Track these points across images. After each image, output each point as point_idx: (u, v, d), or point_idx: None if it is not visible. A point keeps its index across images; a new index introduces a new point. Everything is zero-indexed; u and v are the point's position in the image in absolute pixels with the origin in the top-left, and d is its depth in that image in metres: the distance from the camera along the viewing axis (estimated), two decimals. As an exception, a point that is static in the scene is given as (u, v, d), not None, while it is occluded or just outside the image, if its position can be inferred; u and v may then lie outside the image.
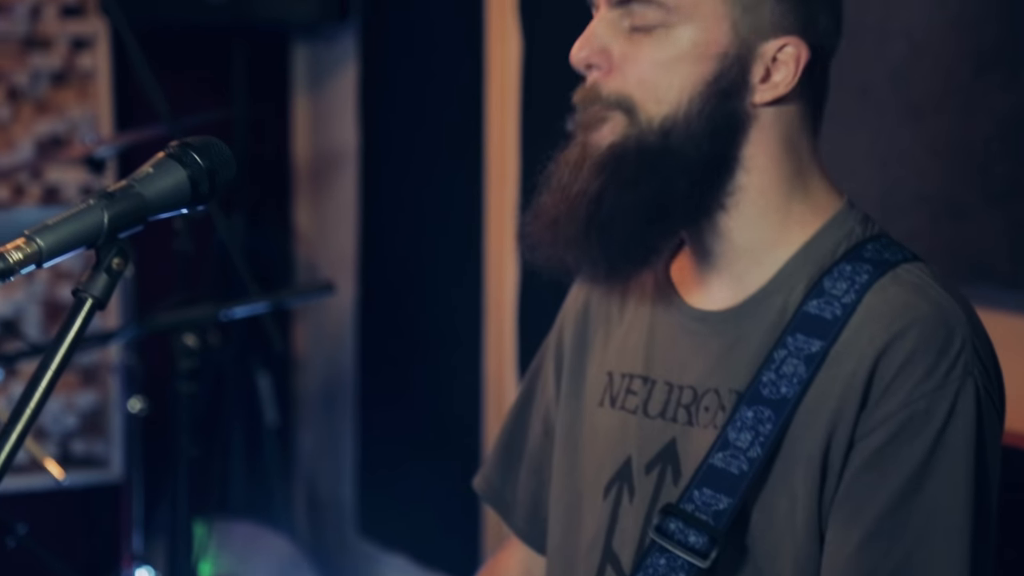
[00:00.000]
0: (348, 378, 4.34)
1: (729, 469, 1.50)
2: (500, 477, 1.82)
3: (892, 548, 1.43)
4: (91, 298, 1.32)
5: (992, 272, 2.22)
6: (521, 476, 1.79)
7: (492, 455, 1.84)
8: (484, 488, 1.84)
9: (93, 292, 1.32)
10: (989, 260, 2.22)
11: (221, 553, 3.97)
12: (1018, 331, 2.24)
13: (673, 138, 1.51)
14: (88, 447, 3.90)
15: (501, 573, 1.84)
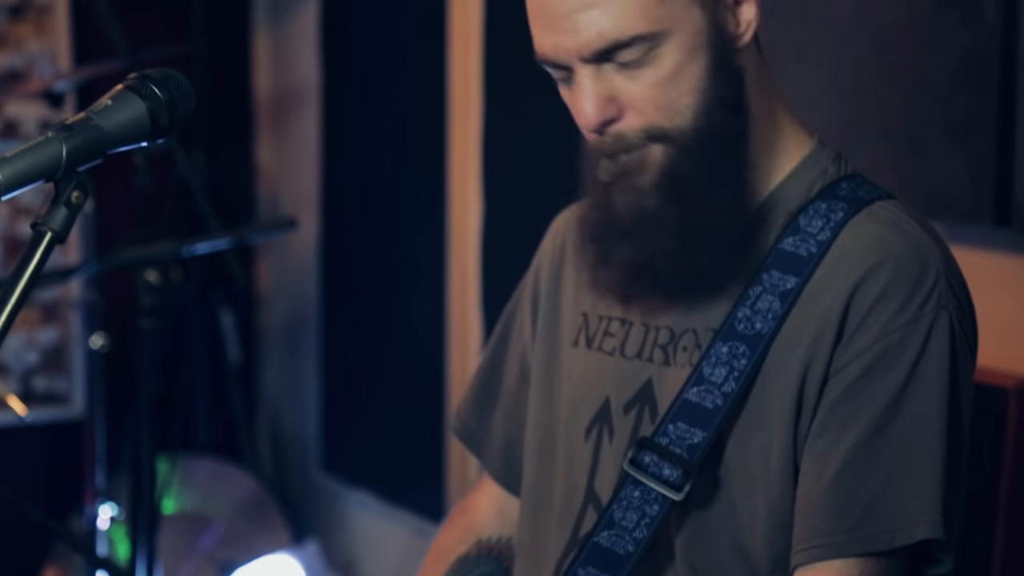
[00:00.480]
0: (311, 314, 4.34)
1: (703, 404, 1.51)
2: (475, 418, 1.82)
3: (867, 478, 1.44)
4: (50, 231, 1.31)
5: (953, 206, 2.23)
6: (496, 417, 1.80)
7: (467, 396, 1.84)
8: (460, 429, 1.84)
9: (52, 225, 1.31)
10: (950, 195, 2.23)
11: (185, 489, 3.98)
12: (978, 265, 2.26)
13: (708, 133, 1.51)
14: (50, 383, 3.89)
15: (473, 513, 1.84)
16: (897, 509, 1.44)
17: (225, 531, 4.03)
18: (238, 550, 3.98)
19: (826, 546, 1.44)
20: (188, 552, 3.95)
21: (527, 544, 1.68)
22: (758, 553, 1.49)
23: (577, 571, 1.54)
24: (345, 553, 4.18)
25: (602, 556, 1.53)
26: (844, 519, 1.44)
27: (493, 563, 1.78)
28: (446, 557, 1.79)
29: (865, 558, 1.44)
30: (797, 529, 1.47)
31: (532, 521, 1.68)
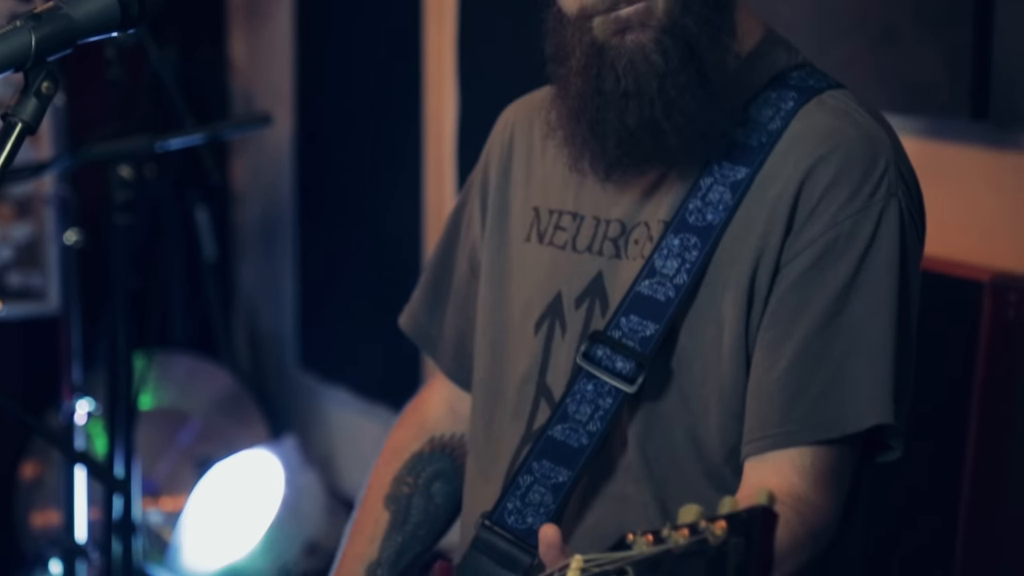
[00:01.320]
0: (287, 211, 4.32)
1: (655, 296, 1.51)
2: (426, 315, 1.82)
3: (818, 367, 1.45)
4: (21, 122, 1.30)
5: (930, 99, 2.22)
6: (448, 314, 1.79)
7: (418, 293, 1.84)
8: (410, 326, 1.84)
9: (23, 116, 1.30)
10: (927, 87, 2.22)
11: (162, 385, 3.99)
12: (955, 159, 2.26)
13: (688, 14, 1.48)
14: (25, 279, 3.88)
15: (425, 411, 1.84)
16: (848, 397, 1.45)
17: (202, 427, 4.05)
18: (216, 446, 4.00)
19: (777, 436, 1.45)
20: (166, 448, 3.97)
21: (481, 439, 1.69)
22: (711, 443, 1.50)
23: (531, 464, 1.55)
24: (322, 449, 4.20)
25: (556, 449, 1.53)
26: (795, 408, 1.45)
27: (446, 460, 1.79)
28: (399, 456, 1.80)
29: (816, 446, 1.45)
30: (748, 420, 1.48)
31: (485, 416, 1.68)
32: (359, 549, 1.75)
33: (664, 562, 1.08)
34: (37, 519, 3.89)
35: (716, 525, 1.06)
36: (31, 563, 3.54)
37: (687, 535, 1.07)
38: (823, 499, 1.44)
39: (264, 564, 3.82)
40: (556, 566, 1.23)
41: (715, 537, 1.05)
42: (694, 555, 1.06)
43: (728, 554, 1.04)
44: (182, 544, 3.78)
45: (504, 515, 1.55)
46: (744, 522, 1.04)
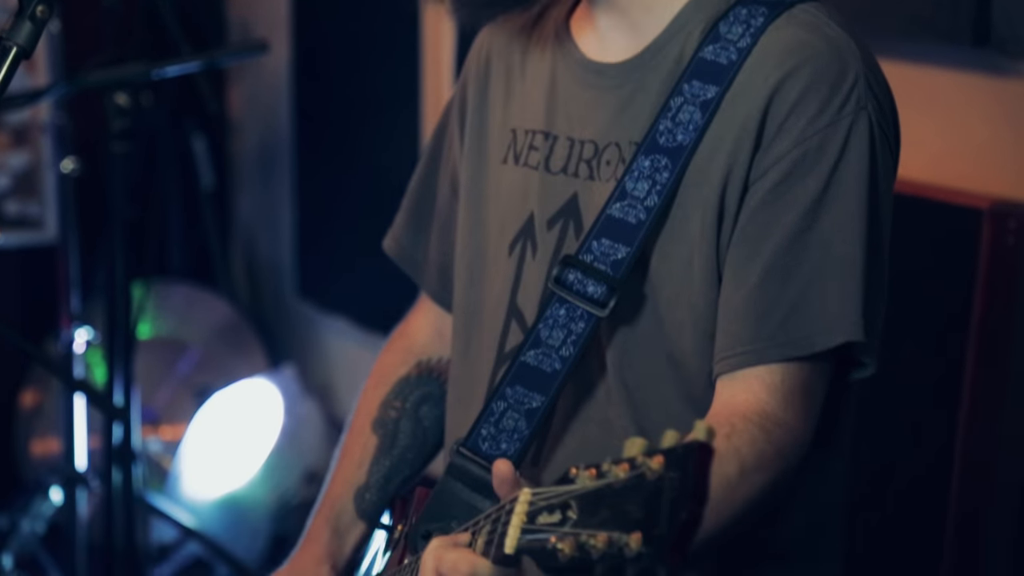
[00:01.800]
0: (284, 139, 4.31)
1: (627, 219, 1.50)
2: (410, 238, 1.81)
3: (788, 284, 1.44)
4: (16, 46, 1.29)
5: (930, 26, 2.20)
6: (431, 237, 1.79)
7: (401, 216, 1.83)
8: (394, 249, 1.83)
9: (17, 40, 1.29)
10: (927, 14, 2.20)
11: (160, 314, 3.99)
12: (955, 86, 2.25)
13: None
14: (22, 208, 3.87)
15: (413, 335, 1.84)
16: (818, 313, 1.44)
17: (201, 356, 4.05)
18: (215, 375, 4.00)
19: (747, 353, 1.44)
20: (165, 377, 3.98)
21: (460, 362, 1.69)
22: (689, 364, 1.50)
23: (505, 391, 1.54)
24: (321, 378, 4.21)
25: (529, 374, 1.53)
26: (765, 325, 1.44)
27: (433, 384, 1.79)
28: (387, 380, 1.80)
29: (787, 363, 1.44)
30: (718, 338, 1.47)
31: (463, 339, 1.68)
32: (347, 474, 1.75)
33: (606, 496, 1.09)
34: (37, 447, 3.90)
35: (653, 460, 1.06)
36: (31, 491, 3.56)
37: (627, 469, 1.08)
38: (792, 417, 1.44)
39: (263, 492, 3.84)
40: (507, 499, 1.24)
41: (652, 472, 1.06)
42: (632, 489, 1.07)
43: (663, 489, 1.05)
44: (182, 473, 3.80)
45: (478, 441, 1.55)
46: (680, 457, 1.05)
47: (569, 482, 1.13)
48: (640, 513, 1.05)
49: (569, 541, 1.10)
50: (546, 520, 1.14)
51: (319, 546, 1.71)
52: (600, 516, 1.08)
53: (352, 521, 1.73)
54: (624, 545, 1.05)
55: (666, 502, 1.04)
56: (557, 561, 1.11)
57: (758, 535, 1.54)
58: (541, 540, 1.14)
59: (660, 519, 1.04)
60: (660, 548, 1.03)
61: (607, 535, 1.06)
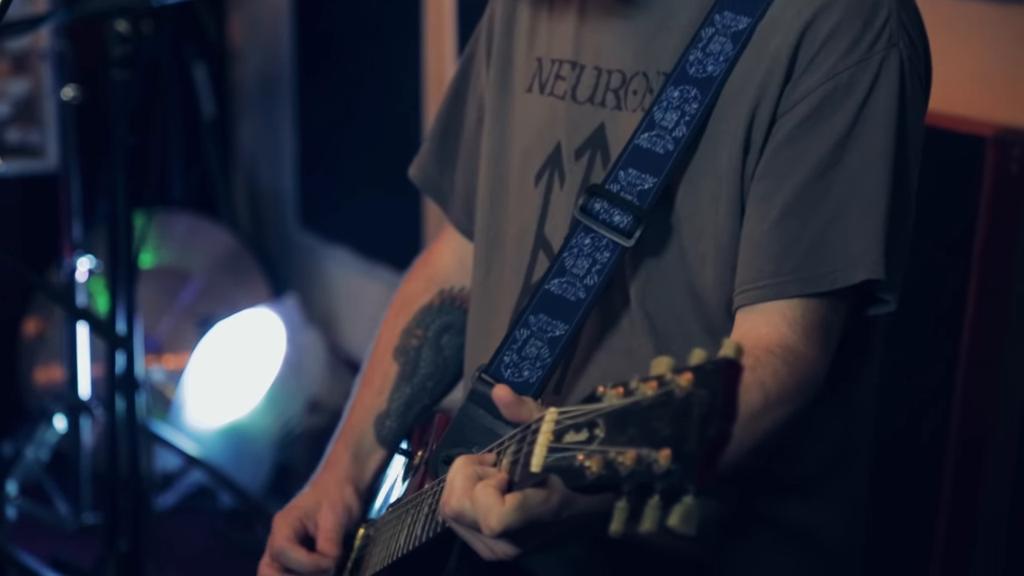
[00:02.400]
0: (286, 68, 4.29)
1: (655, 149, 1.49)
2: (436, 166, 1.81)
3: (811, 219, 1.44)
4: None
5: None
6: (457, 165, 1.78)
7: (427, 144, 1.82)
8: (420, 177, 1.83)
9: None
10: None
11: (162, 243, 3.99)
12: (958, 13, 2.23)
13: None
14: (23, 136, 3.86)
15: (436, 264, 1.84)
16: (840, 250, 1.44)
17: (204, 285, 4.05)
18: (217, 304, 4.01)
19: (768, 287, 1.44)
20: (168, 306, 3.99)
21: (480, 290, 1.69)
22: (711, 297, 1.50)
23: (528, 318, 1.55)
24: (323, 308, 4.22)
25: (553, 303, 1.53)
26: (787, 260, 1.44)
27: (455, 313, 1.79)
28: (408, 308, 1.80)
29: (807, 299, 1.44)
30: (740, 271, 1.47)
31: (485, 267, 1.68)
32: (368, 400, 1.76)
33: (633, 414, 1.09)
34: (40, 375, 3.92)
35: (682, 377, 1.06)
36: (35, 418, 3.58)
37: (655, 387, 1.08)
38: (812, 351, 1.44)
39: (267, 422, 3.85)
40: (532, 419, 1.24)
41: (681, 389, 1.05)
42: (661, 407, 1.06)
43: (692, 405, 1.04)
44: (185, 401, 3.81)
45: (500, 368, 1.56)
46: (709, 374, 1.04)
47: (596, 401, 1.13)
48: (669, 430, 1.05)
49: (596, 459, 1.10)
50: (573, 439, 1.14)
51: (340, 469, 1.72)
52: (628, 434, 1.08)
53: (372, 447, 1.74)
54: (653, 462, 1.04)
55: (695, 419, 1.03)
56: (584, 479, 1.11)
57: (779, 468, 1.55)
58: (568, 458, 1.13)
59: (689, 435, 1.03)
60: (689, 464, 1.03)
61: (635, 452, 1.06)
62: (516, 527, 1.24)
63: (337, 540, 1.66)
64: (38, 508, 3.49)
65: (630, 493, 1.07)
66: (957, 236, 2.12)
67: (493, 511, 1.23)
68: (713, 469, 1.03)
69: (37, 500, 3.50)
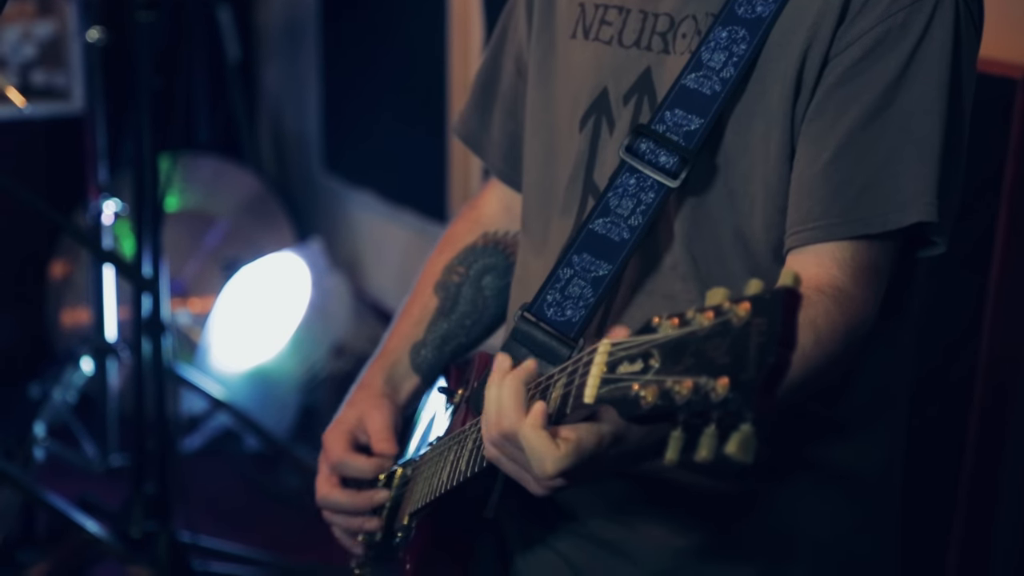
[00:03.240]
0: (311, 10, 4.27)
1: (701, 90, 1.48)
2: (477, 119, 1.81)
3: (863, 161, 1.43)
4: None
5: None
6: (496, 117, 1.78)
7: (470, 98, 1.82)
8: (463, 131, 1.83)
9: None
10: None
11: (187, 187, 3.99)
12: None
13: None
14: (48, 78, 3.86)
15: (482, 208, 1.84)
16: (892, 192, 1.42)
17: (229, 229, 4.06)
18: (242, 248, 4.02)
19: (818, 228, 1.43)
20: (193, 250, 4.00)
21: (534, 240, 1.68)
22: (758, 240, 1.49)
23: (572, 258, 1.54)
24: (348, 252, 4.22)
25: (597, 242, 1.53)
26: (838, 202, 1.43)
27: (498, 255, 1.80)
28: (453, 247, 1.81)
29: (858, 241, 1.43)
30: (791, 212, 1.46)
31: (541, 219, 1.67)
32: (405, 329, 1.77)
33: (689, 344, 1.08)
34: (67, 317, 3.94)
35: (740, 306, 1.05)
36: (62, 361, 3.59)
37: (712, 317, 1.07)
38: (862, 292, 1.43)
39: (292, 365, 3.87)
40: (584, 351, 1.23)
41: (738, 318, 1.05)
42: (718, 336, 1.06)
43: (750, 334, 1.04)
44: (210, 345, 3.82)
45: (544, 307, 1.55)
46: (767, 302, 1.04)
47: (651, 331, 1.13)
48: (726, 359, 1.04)
49: (652, 388, 1.09)
50: (627, 369, 1.14)
51: (375, 388, 1.74)
52: (684, 363, 1.08)
53: (406, 373, 1.76)
54: (711, 390, 1.04)
55: (753, 347, 1.03)
56: (639, 408, 1.10)
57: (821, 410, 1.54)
58: (622, 388, 1.13)
59: (748, 364, 1.03)
60: (748, 392, 1.02)
61: (692, 381, 1.06)
62: (570, 469, 1.25)
63: (392, 437, 1.68)
64: (66, 450, 3.51)
65: (685, 422, 1.08)
66: (987, 175, 2.10)
67: (548, 457, 1.24)
68: (772, 397, 1.03)
69: (65, 442, 3.53)
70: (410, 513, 1.59)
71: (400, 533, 1.61)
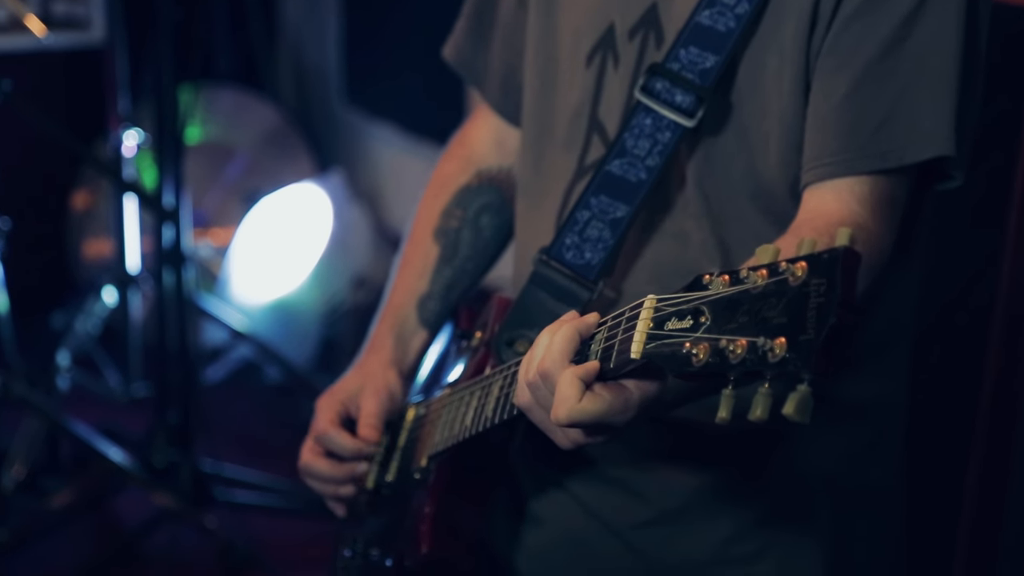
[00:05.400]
0: (331, -59, 4.25)
1: (716, 27, 1.47)
2: (471, 46, 1.78)
3: (880, 95, 1.42)
4: None
5: None
6: (494, 45, 1.76)
7: (462, 23, 1.79)
8: (455, 57, 1.80)
9: None
10: None
11: (208, 119, 3.99)
12: None
13: None
14: (69, 8, 3.85)
15: (472, 144, 1.82)
16: (910, 126, 1.41)
17: (250, 161, 4.06)
18: (263, 180, 4.02)
19: (835, 163, 1.42)
20: (214, 182, 4.00)
21: (530, 171, 1.67)
22: (771, 177, 1.49)
23: (589, 200, 1.54)
24: (369, 183, 4.22)
25: (614, 184, 1.52)
26: (855, 136, 1.42)
27: (493, 193, 1.78)
28: (447, 189, 1.79)
29: (876, 175, 1.42)
30: (807, 148, 1.45)
31: (535, 150, 1.66)
32: (409, 283, 1.76)
33: (742, 302, 1.07)
34: (89, 248, 3.95)
35: (796, 266, 1.04)
36: (85, 291, 3.61)
37: (765, 275, 1.06)
38: (880, 228, 1.43)
39: (313, 297, 3.88)
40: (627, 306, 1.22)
41: (795, 278, 1.04)
42: (773, 295, 1.05)
43: (810, 294, 1.02)
44: (231, 277, 3.84)
45: (562, 250, 1.55)
46: (826, 262, 1.03)
47: (701, 288, 1.11)
48: (783, 318, 1.03)
49: (704, 346, 1.08)
50: (675, 326, 1.12)
51: (385, 353, 1.73)
52: (737, 321, 1.07)
53: (415, 328, 1.75)
54: (768, 350, 1.03)
55: (812, 307, 1.02)
56: (691, 366, 1.09)
57: None
58: (671, 345, 1.12)
59: (806, 324, 1.02)
60: (807, 353, 1.01)
61: (747, 340, 1.05)
62: (587, 424, 1.23)
63: (378, 425, 1.67)
64: (89, 379, 3.54)
65: (736, 381, 1.07)
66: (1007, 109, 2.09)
67: (566, 403, 1.22)
68: (831, 357, 1.02)
69: (88, 371, 3.55)
70: (429, 455, 1.59)
71: (418, 475, 1.61)
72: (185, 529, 3.06)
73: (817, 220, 1.39)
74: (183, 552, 3.07)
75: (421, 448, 1.62)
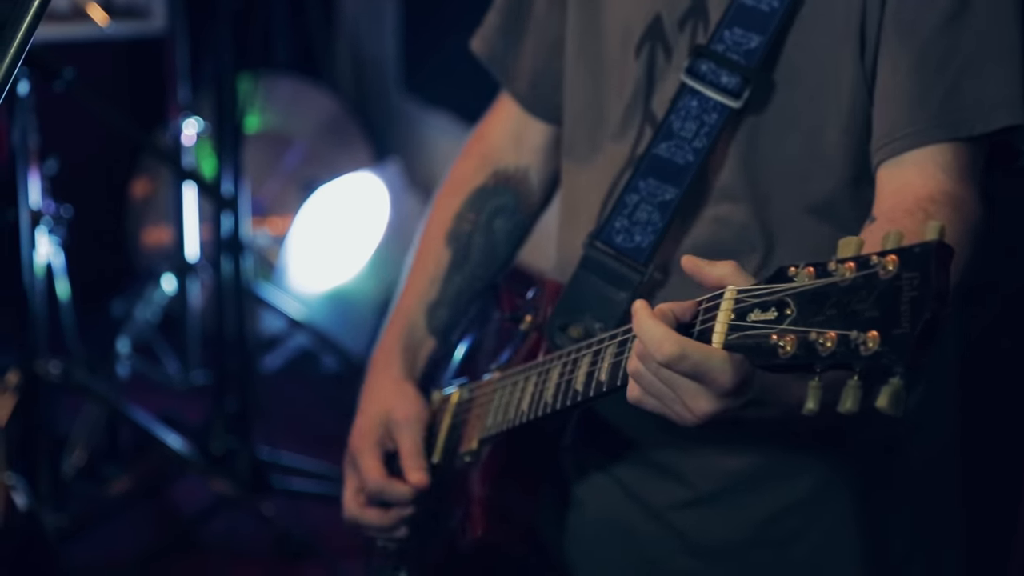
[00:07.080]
0: (389, -70, 4.25)
1: (759, 7, 1.45)
2: (502, 41, 1.76)
3: (945, 66, 1.40)
4: None
5: None
6: (527, 44, 1.74)
7: (493, 19, 1.78)
8: (485, 52, 1.78)
9: None
10: None
11: (267, 107, 4.00)
12: None
13: None
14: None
15: (490, 140, 1.80)
16: (977, 95, 1.39)
17: (307, 150, 4.07)
18: (321, 168, 4.03)
19: (909, 136, 1.40)
20: (272, 170, 4.02)
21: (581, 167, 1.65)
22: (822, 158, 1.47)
23: (638, 183, 1.52)
24: (426, 173, 4.22)
25: (662, 167, 1.51)
26: (925, 107, 1.40)
27: (508, 195, 1.76)
28: (462, 189, 1.77)
29: (953, 143, 1.40)
30: (877, 126, 1.43)
31: (588, 145, 1.64)
32: (420, 287, 1.75)
33: (829, 295, 1.06)
34: (149, 236, 3.97)
35: (887, 259, 1.03)
36: (144, 279, 3.64)
37: (854, 268, 1.05)
38: (971, 194, 1.40)
39: (370, 285, 3.89)
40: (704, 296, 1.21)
41: (886, 271, 1.03)
42: (862, 289, 1.04)
43: (902, 288, 1.02)
44: (288, 265, 3.85)
45: (612, 234, 1.54)
46: (918, 256, 1.02)
47: (785, 280, 1.11)
48: (874, 312, 1.03)
49: (791, 338, 1.08)
50: (758, 317, 1.12)
51: (395, 369, 1.72)
52: (825, 314, 1.06)
53: (423, 337, 1.74)
54: (860, 344, 1.02)
55: (906, 301, 1.01)
56: (777, 357, 1.09)
57: None
58: (756, 336, 1.11)
59: (900, 318, 1.01)
60: (902, 346, 1.01)
61: (838, 333, 1.04)
62: (747, 382, 1.19)
63: (424, 466, 1.63)
64: (148, 367, 3.56)
65: (822, 373, 1.06)
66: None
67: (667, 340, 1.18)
68: (925, 350, 1.01)
69: (147, 359, 3.58)
70: (481, 438, 1.58)
71: (468, 457, 1.60)
72: (242, 516, 3.08)
73: (905, 198, 1.37)
74: (240, 539, 3.08)
75: (470, 431, 1.62)
